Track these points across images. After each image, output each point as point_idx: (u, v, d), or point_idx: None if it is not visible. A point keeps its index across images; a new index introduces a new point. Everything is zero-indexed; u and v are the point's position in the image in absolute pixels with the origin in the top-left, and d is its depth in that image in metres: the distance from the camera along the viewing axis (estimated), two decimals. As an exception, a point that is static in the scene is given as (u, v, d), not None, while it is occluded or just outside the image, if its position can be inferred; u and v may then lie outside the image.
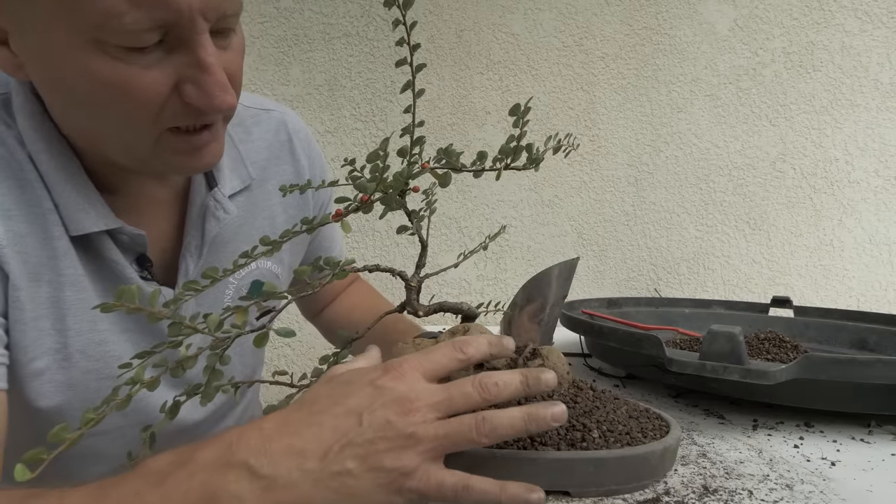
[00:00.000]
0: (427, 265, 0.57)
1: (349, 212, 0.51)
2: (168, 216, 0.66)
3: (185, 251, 0.65)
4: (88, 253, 0.60)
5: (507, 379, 0.45)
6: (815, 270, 1.60)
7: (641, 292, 1.59)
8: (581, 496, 0.47)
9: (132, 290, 0.42)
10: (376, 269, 0.56)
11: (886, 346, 0.95)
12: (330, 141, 1.51)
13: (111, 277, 0.61)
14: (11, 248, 0.55)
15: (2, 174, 0.55)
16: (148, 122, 0.52)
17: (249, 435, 0.41)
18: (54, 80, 0.52)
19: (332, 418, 0.41)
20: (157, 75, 0.50)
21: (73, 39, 0.47)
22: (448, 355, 0.46)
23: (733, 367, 0.63)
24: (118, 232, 0.60)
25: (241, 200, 0.70)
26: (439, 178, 0.52)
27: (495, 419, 0.43)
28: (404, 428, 0.41)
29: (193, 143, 0.55)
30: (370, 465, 0.40)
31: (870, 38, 1.56)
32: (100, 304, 0.41)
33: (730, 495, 0.50)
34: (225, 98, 0.51)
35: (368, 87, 1.51)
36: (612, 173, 1.57)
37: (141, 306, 0.42)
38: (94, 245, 0.60)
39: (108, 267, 0.61)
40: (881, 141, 1.58)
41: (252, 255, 0.49)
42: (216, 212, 0.65)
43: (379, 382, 0.43)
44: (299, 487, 0.39)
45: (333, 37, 1.50)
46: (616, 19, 1.55)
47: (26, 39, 0.50)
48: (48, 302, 0.58)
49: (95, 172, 0.59)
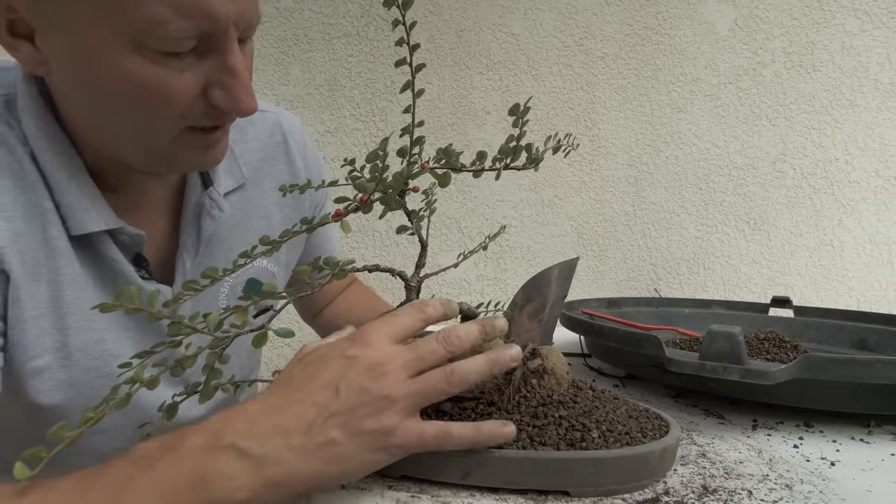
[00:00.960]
0: (427, 265, 0.57)
1: (349, 212, 0.51)
2: (164, 214, 0.67)
3: (182, 249, 0.66)
4: (87, 252, 0.60)
5: (467, 329, 0.48)
6: (815, 270, 1.60)
7: (641, 292, 1.59)
8: (580, 496, 0.47)
9: (131, 291, 0.42)
10: (376, 269, 0.56)
11: (886, 346, 0.95)
12: (330, 141, 1.51)
13: (111, 276, 0.62)
14: (11, 247, 0.55)
15: (2, 174, 0.55)
16: (172, 122, 0.54)
17: (235, 420, 0.42)
18: (83, 78, 0.52)
19: (311, 394, 0.43)
20: (188, 78, 0.52)
21: (112, 40, 0.49)
22: (412, 316, 0.49)
23: (733, 367, 0.63)
24: (118, 232, 0.61)
25: (235, 199, 0.71)
26: (439, 178, 0.52)
27: (462, 368, 0.46)
28: (379, 391, 0.43)
29: (207, 141, 0.58)
30: (353, 430, 0.42)
31: (870, 38, 1.56)
32: (99, 304, 0.41)
33: (729, 495, 0.50)
34: (250, 102, 0.54)
35: (368, 87, 1.51)
36: (612, 173, 1.57)
37: (140, 306, 0.42)
38: (94, 245, 0.60)
39: (108, 266, 0.61)
40: (881, 141, 1.58)
41: (252, 255, 0.49)
42: (211, 210, 0.66)
43: (349, 353, 0.45)
44: (288, 462, 0.41)
45: (333, 37, 1.50)
46: (616, 19, 1.55)
47: (56, 37, 0.51)
48: (48, 301, 0.58)
49: (98, 172, 0.60)
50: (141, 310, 0.42)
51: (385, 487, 0.47)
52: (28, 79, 0.57)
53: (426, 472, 0.48)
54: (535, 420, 0.49)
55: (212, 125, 0.57)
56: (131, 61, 0.50)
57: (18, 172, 0.56)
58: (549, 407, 0.51)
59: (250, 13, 0.54)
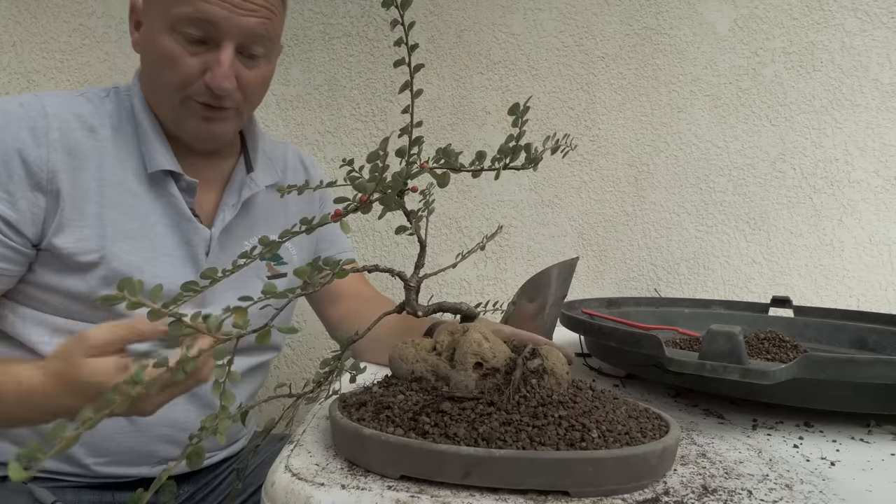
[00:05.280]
0: (427, 265, 0.57)
1: (348, 212, 0.51)
2: (214, 189, 0.90)
3: (223, 206, 0.88)
4: (156, 190, 0.82)
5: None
6: (815, 270, 1.60)
7: (641, 292, 1.59)
8: (580, 496, 0.47)
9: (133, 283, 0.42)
10: (376, 269, 0.56)
11: (886, 346, 0.95)
12: (330, 141, 1.51)
13: (171, 208, 0.83)
14: (67, 174, 0.76)
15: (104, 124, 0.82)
16: (177, 86, 0.78)
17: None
18: (144, 47, 0.81)
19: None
20: (194, 61, 0.77)
21: (160, 24, 0.77)
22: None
23: (733, 367, 0.63)
24: (180, 178, 0.83)
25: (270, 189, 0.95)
26: (438, 178, 0.52)
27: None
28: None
29: (205, 114, 0.81)
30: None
31: (870, 38, 1.56)
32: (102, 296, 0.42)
33: (729, 495, 0.50)
34: (225, 84, 0.78)
35: (368, 87, 1.51)
36: (612, 173, 1.57)
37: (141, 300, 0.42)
38: (162, 184, 0.82)
39: (170, 201, 0.83)
40: (881, 141, 1.58)
41: (251, 256, 0.49)
42: (250, 184, 0.90)
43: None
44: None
45: (333, 37, 1.50)
46: (616, 19, 1.55)
47: (145, 26, 0.80)
48: (95, 217, 0.78)
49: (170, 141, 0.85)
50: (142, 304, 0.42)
51: (385, 487, 0.47)
52: (137, 75, 0.86)
53: (426, 472, 0.48)
54: (535, 420, 0.49)
55: (209, 103, 0.79)
56: (165, 39, 0.77)
57: (118, 125, 0.82)
58: (549, 407, 0.51)
59: (257, 30, 0.78)
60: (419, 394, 0.54)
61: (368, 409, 0.53)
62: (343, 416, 0.53)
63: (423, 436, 0.48)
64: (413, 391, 0.54)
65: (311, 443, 0.57)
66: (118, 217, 0.79)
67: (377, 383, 0.60)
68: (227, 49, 0.77)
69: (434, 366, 0.57)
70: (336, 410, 0.54)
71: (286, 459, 0.53)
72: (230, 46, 0.77)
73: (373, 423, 0.51)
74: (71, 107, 0.80)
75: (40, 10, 1.41)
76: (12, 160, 0.74)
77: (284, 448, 0.56)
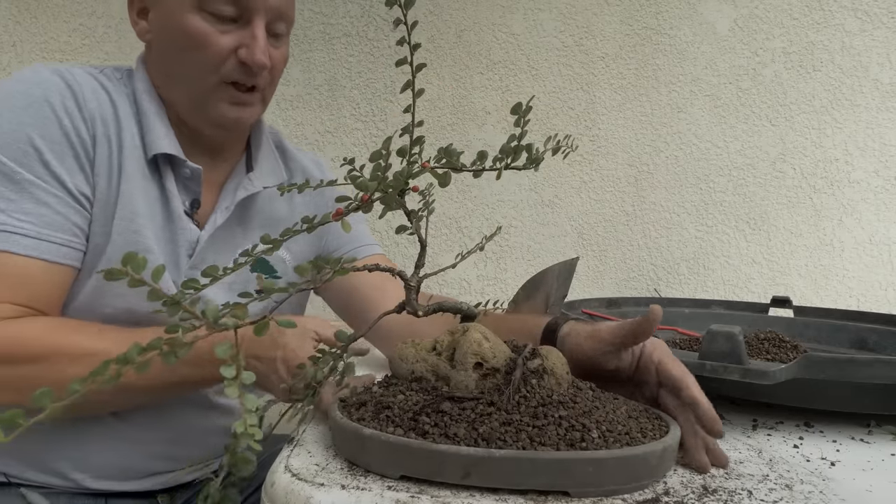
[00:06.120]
0: (427, 265, 0.57)
1: (349, 211, 0.51)
2: (213, 191, 0.88)
3: (217, 208, 0.85)
4: (153, 180, 0.79)
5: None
6: (815, 270, 1.60)
7: (641, 292, 1.59)
8: (580, 496, 0.46)
9: (139, 260, 0.41)
10: (376, 269, 0.56)
11: (886, 346, 0.95)
12: (330, 141, 1.51)
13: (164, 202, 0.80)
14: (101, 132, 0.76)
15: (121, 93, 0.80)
16: (211, 70, 0.77)
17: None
18: (159, 32, 0.79)
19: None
20: (226, 39, 0.76)
21: (184, 5, 0.75)
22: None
23: (733, 367, 0.63)
24: (182, 165, 0.81)
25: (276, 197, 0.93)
26: (439, 178, 0.52)
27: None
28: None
29: (239, 98, 0.80)
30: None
31: (870, 38, 1.56)
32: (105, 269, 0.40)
33: (729, 495, 0.50)
34: (263, 59, 0.77)
35: (368, 87, 1.51)
36: (612, 173, 1.57)
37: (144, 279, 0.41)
38: (161, 174, 0.80)
39: (164, 195, 0.80)
40: (881, 141, 1.58)
41: (252, 254, 0.49)
42: (247, 184, 0.87)
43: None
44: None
45: (333, 37, 1.50)
46: (616, 19, 1.55)
47: (155, 12, 0.78)
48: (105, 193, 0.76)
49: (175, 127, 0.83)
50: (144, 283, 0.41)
51: (385, 487, 0.47)
52: (141, 59, 0.84)
53: (426, 472, 0.47)
54: (535, 420, 0.49)
55: (242, 82, 0.78)
56: (192, 18, 0.75)
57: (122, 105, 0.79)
58: (549, 407, 0.51)
59: (283, 8, 0.78)
60: (419, 394, 0.54)
61: (368, 409, 0.53)
62: (343, 416, 0.53)
63: (423, 436, 0.48)
64: (413, 391, 0.54)
65: (311, 443, 0.57)
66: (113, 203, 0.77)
67: (377, 383, 0.60)
68: (260, 25, 0.77)
69: (434, 366, 0.57)
70: (336, 410, 0.54)
71: (286, 459, 0.53)
72: (262, 22, 0.77)
73: (373, 423, 0.51)
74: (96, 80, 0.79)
75: (40, 10, 1.41)
76: (69, 134, 0.73)
77: (284, 448, 0.56)
